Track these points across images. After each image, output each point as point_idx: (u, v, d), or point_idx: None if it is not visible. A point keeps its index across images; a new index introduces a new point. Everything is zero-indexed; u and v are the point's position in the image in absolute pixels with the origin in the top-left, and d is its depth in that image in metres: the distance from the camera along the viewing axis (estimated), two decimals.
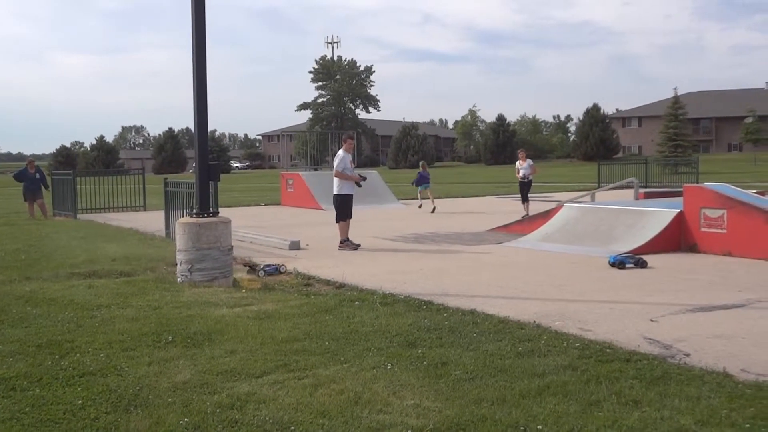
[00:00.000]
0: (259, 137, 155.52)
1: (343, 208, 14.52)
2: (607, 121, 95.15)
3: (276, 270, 11.10)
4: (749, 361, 6.17)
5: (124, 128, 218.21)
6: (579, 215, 15.03)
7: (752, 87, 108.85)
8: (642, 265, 11.39)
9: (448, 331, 7.14)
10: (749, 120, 78.63)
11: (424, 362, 6.07)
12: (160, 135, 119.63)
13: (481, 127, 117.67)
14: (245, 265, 11.64)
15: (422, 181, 24.61)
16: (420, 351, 6.42)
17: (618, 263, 11.40)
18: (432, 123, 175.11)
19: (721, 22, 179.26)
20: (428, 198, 23.89)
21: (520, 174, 21.65)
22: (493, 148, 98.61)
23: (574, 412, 4.89)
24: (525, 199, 21.39)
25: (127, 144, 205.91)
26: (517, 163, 22.08)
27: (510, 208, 23.89)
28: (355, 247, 14.17)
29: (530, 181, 21.72)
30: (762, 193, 15.38)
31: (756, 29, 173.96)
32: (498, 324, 7.41)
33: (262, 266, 11.25)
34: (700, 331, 7.28)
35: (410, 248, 14.49)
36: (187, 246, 10.15)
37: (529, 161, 22.05)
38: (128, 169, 39.60)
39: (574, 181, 45.06)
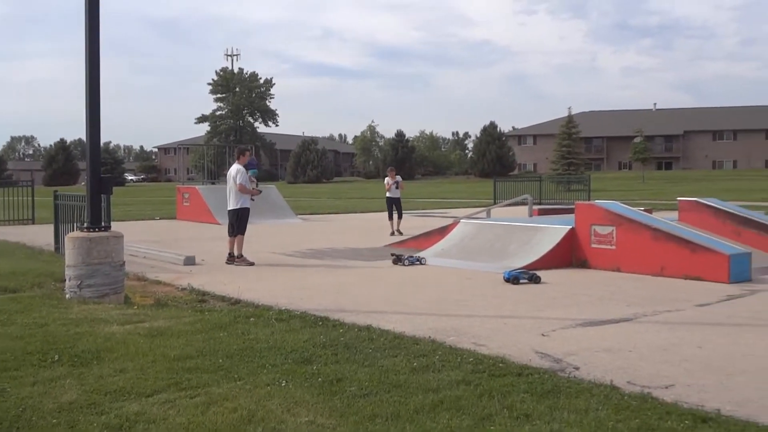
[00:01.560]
0: (156, 150, 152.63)
1: (243, 222, 14.38)
2: (504, 138, 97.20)
3: (417, 260, 13.63)
4: (635, 374, 6.36)
5: (13, 138, 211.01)
6: (475, 231, 15.25)
7: (641, 108, 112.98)
8: (535, 280, 11.62)
9: (344, 347, 7.12)
10: (638, 140, 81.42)
11: (319, 379, 6.03)
12: (51, 146, 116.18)
13: (380, 143, 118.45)
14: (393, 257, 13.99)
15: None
16: (315, 367, 6.38)
17: (512, 279, 11.60)
18: (332, 138, 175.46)
19: (613, 45, 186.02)
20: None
21: (392, 189, 21.78)
22: (392, 163, 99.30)
23: (466, 427, 4.93)
24: (392, 216, 21.43)
25: (17, 155, 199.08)
26: (387, 179, 22.20)
27: (408, 223, 24.04)
28: (251, 262, 14.02)
29: (399, 198, 21.86)
30: (649, 211, 15.92)
31: (645, 53, 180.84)
32: (393, 339, 7.43)
33: (406, 257, 13.64)
34: (589, 344, 7.47)
35: (307, 264, 14.43)
36: (76, 261, 9.84)
37: (398, 178, 22.29)
38: (16, 181, 38.13)
39: (471, 198, 45.78)
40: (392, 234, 20.43)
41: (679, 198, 16.38)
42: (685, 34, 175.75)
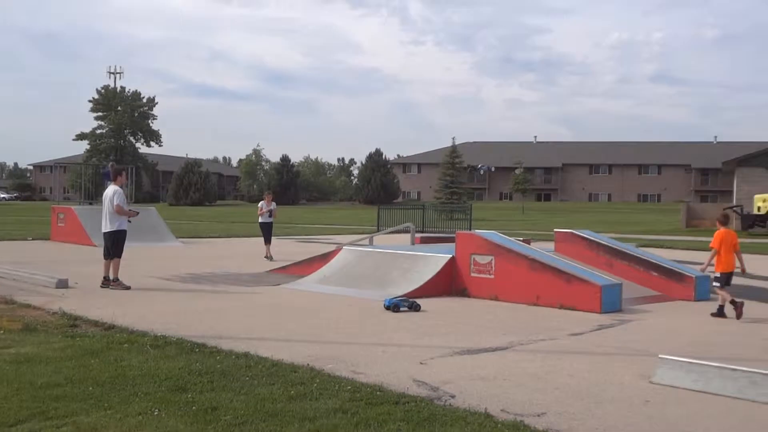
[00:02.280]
0: (31, 167, 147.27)
1: (120, 245, 14.00)
2: (389, 166, 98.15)
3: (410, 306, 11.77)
4: (509, 402, 6.48)
5: None
6: (357, 258, 15.30)
7: (523, 140, 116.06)
8: (415, 308, 11.73)
9: (220, 374, 7.00)
10: (518, 171, 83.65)
11: (194, 407, 5.91)
12: None
13: (265, 167, 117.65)
14: None
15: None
16: (190, 396, 6.24)
17: (393, 306, 11.67)
18: (216, 160, 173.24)
19: (497, 78, 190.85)
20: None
21: (264, 211, 21.74)
22: (277, 188, 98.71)
23: None
24: (268, 241, 21.39)
25: None
26: (262, 203, 22.16)
27: (290, 249, 23.94)
28: (128, 286, 13.65)
29: (272, 223, 21.85)
30: (528, 241, 16.33)
31: (528, 87, 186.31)
32: (271, 367, 7.35)
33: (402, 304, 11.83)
34: (466, 373, 7.57)
35: (186, 288, 14.15)
36: None
37: (274, 204, 22.31)
38: None
39: (355, 224, 45.94)
40: (266, 257, 20.40)
41: (555, 229, 16.86)
42: (567, 70, 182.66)
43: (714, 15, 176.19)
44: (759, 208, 40.10)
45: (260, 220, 21.87)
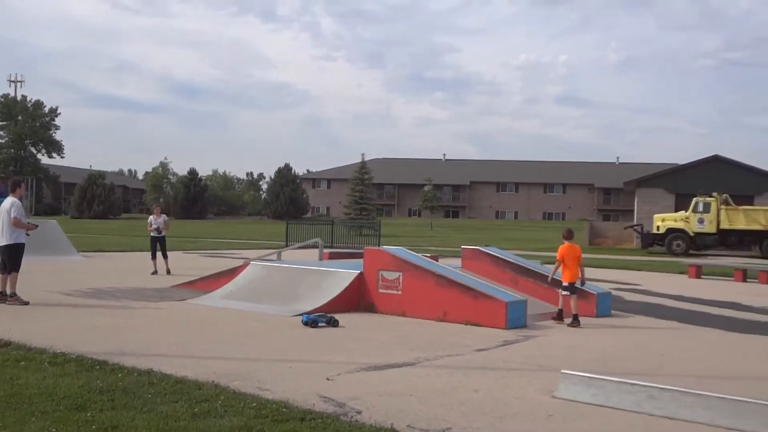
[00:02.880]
0: None
1: (17, 258, 13.54)
2: (298, 181, 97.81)
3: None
4: (414, 417, 6.51)
5: None
6: (265, 273, 15.17)
7: (432, 158, 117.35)
8: (333, 323, 11.73)
9: (122, 392, 6.83)
10: (427, 188, 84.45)
11: (93, 426, 5.75)
12: None
13: (172, 180, 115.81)
14: None
15: None
16: (89, 414, 6.07)
17: (311, 322, 11.65)
18: (121, 173, 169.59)
19: (407, 96, 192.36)
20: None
21: (153, 227, 21.42)
22: (184, 202, 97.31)
23: None
24: (155, 256, 21.06)
25: None
26: (151, 217, 21.84)
27: (197, 263, 23.60)
28: (26, 302, 13.22)
29: (164, 237, 21.53)
30: (435, 258, 16.46)
31: (438, 105, 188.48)
32: (175, 384, 7.22)
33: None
34: (372, 389, 7.57)
35: (87, 304, 13.77)
36: None
37: (164, 216, 22.02)
38: None
39: (264, 239, 45.59)
40: (153, 273, 20.09)
41: (462, 246, 17.07)
42: (476, 89, 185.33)
43: (617, 40, 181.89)
44: (658, 228, 41.37)
45: (151, 234, 21.45)
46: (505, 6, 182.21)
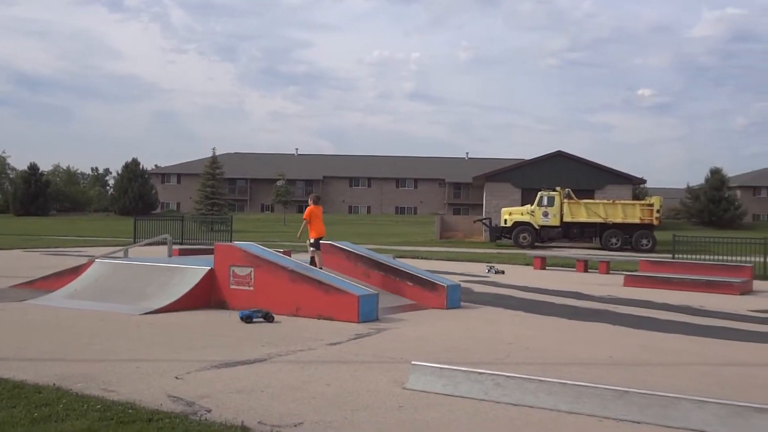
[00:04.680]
0: None
1: None
2: (147, 176, 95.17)
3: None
4: (266, 414, 6.45)
5: None
6: (111, 271, 14.69)
7: (285, 152, 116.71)
8: (269, 319, 12.07)
9: None
10: (280, 183, 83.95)
11: None
12: None
13: (11, 175, 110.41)
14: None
15: None
16: None
17: (245, 318, 11.96)
18: None
19: (260, 90, 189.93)
20: None
21: None
22: (24, 198, 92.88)
23: None
24: None
25: None
26: None
27: (39, 262, 22.59)
28: None
29: None
30: (288, 253, 16.41)
31: (291, 100, 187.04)
32: (13, 389, 6.87)
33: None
34: (223, 386, 7.46)
35: None
36: None
37: None
38: None
39: (110, 236, 44.18)
40: None
41: None
42: (329, 84, 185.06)
43: (467, 38, 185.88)
44: (506, 221, 42.64)
45: None
46: (359, 2, 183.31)
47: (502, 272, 21.79)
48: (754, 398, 6.98)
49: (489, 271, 22.83)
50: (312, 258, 15.65)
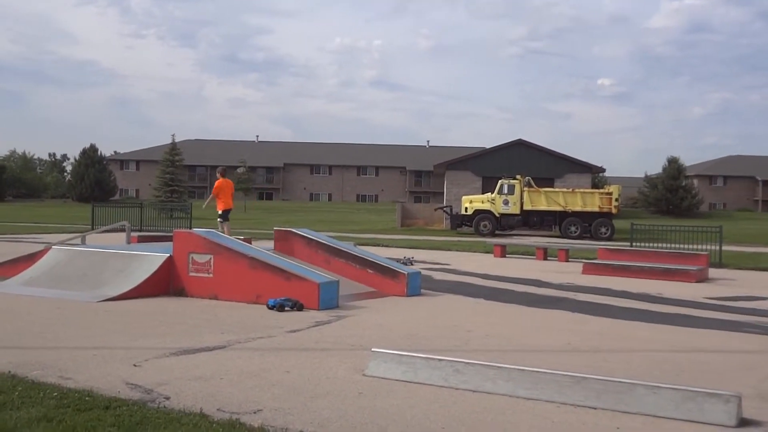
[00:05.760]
0: None
1: None
2: (105, 162, 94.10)
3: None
4: (225, 401, 6.43)
5: None
6: (68, 258, 14.51)
7: (245, 139, 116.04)
8: (299, 307, 11.98)
9: None
10: (241, 170, 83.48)
11: None
12: None
13: None
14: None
15: None
16: None
17: (278, 306, 11.89)
18: None
19: (220, 77, 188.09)
20: None
21: None
22: None
23: None
24: None
25: None
26: None
27: None
28: None
29: None
30: (248, 240, 16.32)
31: (251, 86, 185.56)
32: None
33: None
34: (181, 374, 7.41)
35: None
36: None
37: None
38: None
39: (68, 223, 43.64)
40: None
41: (275, 228, 17.00)
42: (290, 71, 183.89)
43: (428, 27, 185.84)
44: (466, 209, 42.80)
45: None
46: None
47: (411, 262, 20.51)
48: (707, 384, 7.10)
49: (402, 260, 21.04)
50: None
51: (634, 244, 26.29)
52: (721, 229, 24.57)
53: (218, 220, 17.16)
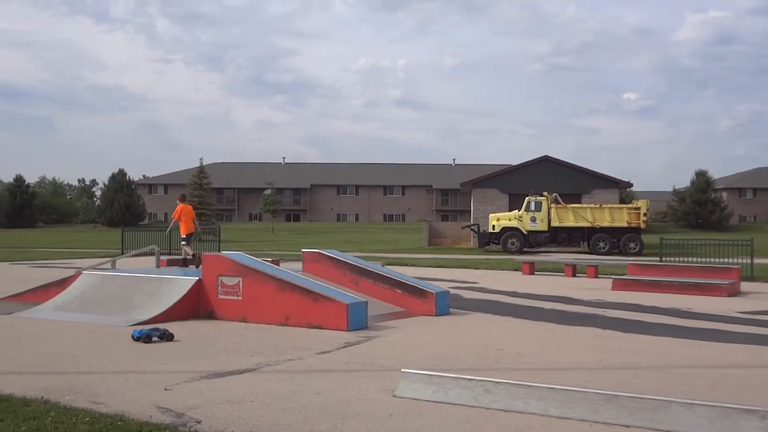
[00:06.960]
0: None
1: None
2: (134, 187, 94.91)
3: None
4: (256, 424, 6.43)
5: None
6: (99, 283, 14.63)
7: (272, 161, 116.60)
8: (168, 338, 11.00)
9: None
10: (268, 192, 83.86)
11: None
12: None
13: None
14: None
15: None
16: None
17: (143, 337, 10.85)
18: None
19: (247, 99, 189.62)
20: None
21: None
22: (10, 210, 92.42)
23: None
24: None
25: None
26: None
27: (26, 275, 22.49)
28: None
29: None
30: (276, 262, 16.38)
31: (278, 108, 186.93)
32: (0, 403, 6.83)
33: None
34: (212, 397, 7.43)
35: None
36: None
37: None
38: None
39: (98, 247, 44.03)
40: None
41: (303, 249, 17.04)
42: (316, 92, 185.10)
43: (453, 45, 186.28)
44: (494, 227, 42.72)
45: None
46: (344, 10, 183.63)
47: None
48: (743, 400, 7.00)
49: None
50: (184, 259, 18.06)
51: (663, 258, 26.08)
52: (753, 242, 24.31)
53: (182, 243, 18.51)
